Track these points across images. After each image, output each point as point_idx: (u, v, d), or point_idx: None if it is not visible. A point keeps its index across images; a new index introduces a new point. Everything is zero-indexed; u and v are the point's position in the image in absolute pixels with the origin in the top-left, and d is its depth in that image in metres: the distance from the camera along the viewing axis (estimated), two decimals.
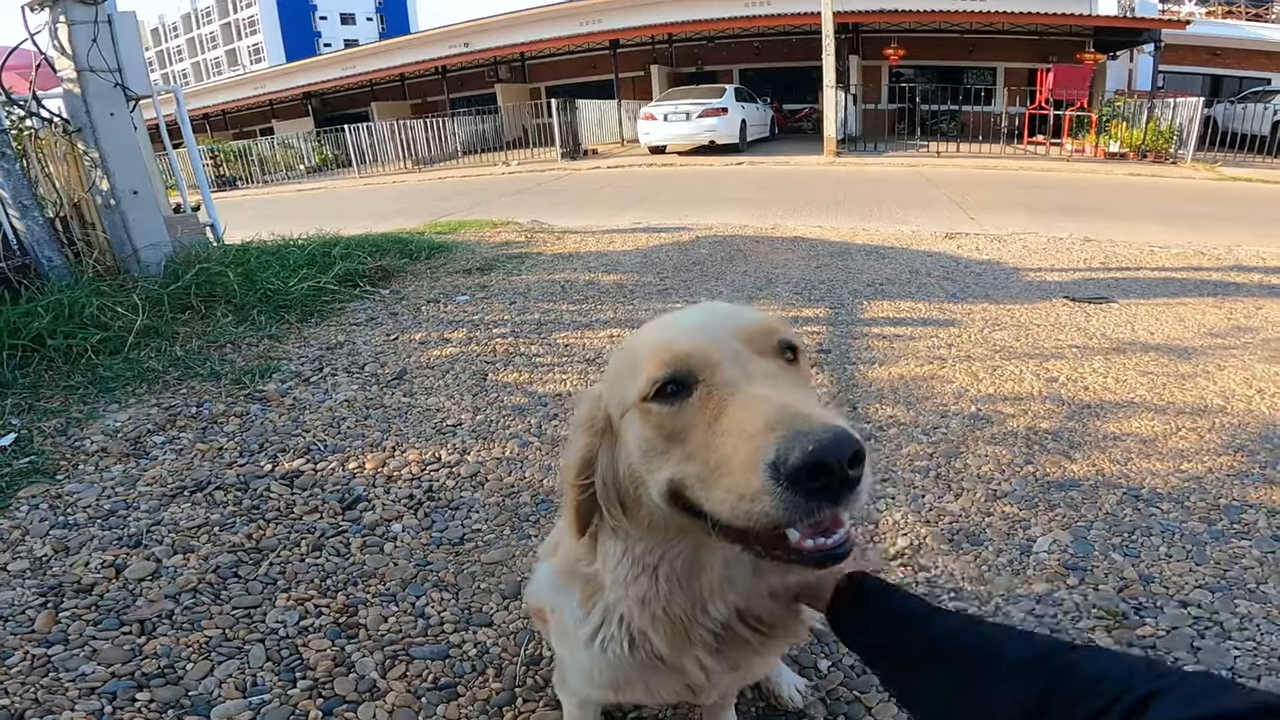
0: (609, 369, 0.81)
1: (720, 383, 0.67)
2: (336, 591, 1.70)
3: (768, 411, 0.60)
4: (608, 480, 0.79)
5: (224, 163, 18.07)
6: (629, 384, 0.73)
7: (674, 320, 0.78)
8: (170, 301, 3.48)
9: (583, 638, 0.91)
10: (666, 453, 0.69)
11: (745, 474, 0.59)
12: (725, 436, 0.63)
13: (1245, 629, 1.55)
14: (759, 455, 0.58)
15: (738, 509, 0.61)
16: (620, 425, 0.76)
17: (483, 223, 6.87)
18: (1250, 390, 2.78)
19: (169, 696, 1.39)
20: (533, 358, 3.21)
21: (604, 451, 0.79)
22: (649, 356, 0.71)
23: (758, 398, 0.63)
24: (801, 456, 0.56)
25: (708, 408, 0.66)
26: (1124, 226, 6.52)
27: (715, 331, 0.72)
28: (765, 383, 0.66)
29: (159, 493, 2.09)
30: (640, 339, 0.78)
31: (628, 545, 0.81)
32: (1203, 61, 19.00)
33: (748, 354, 0.70)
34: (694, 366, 0.68)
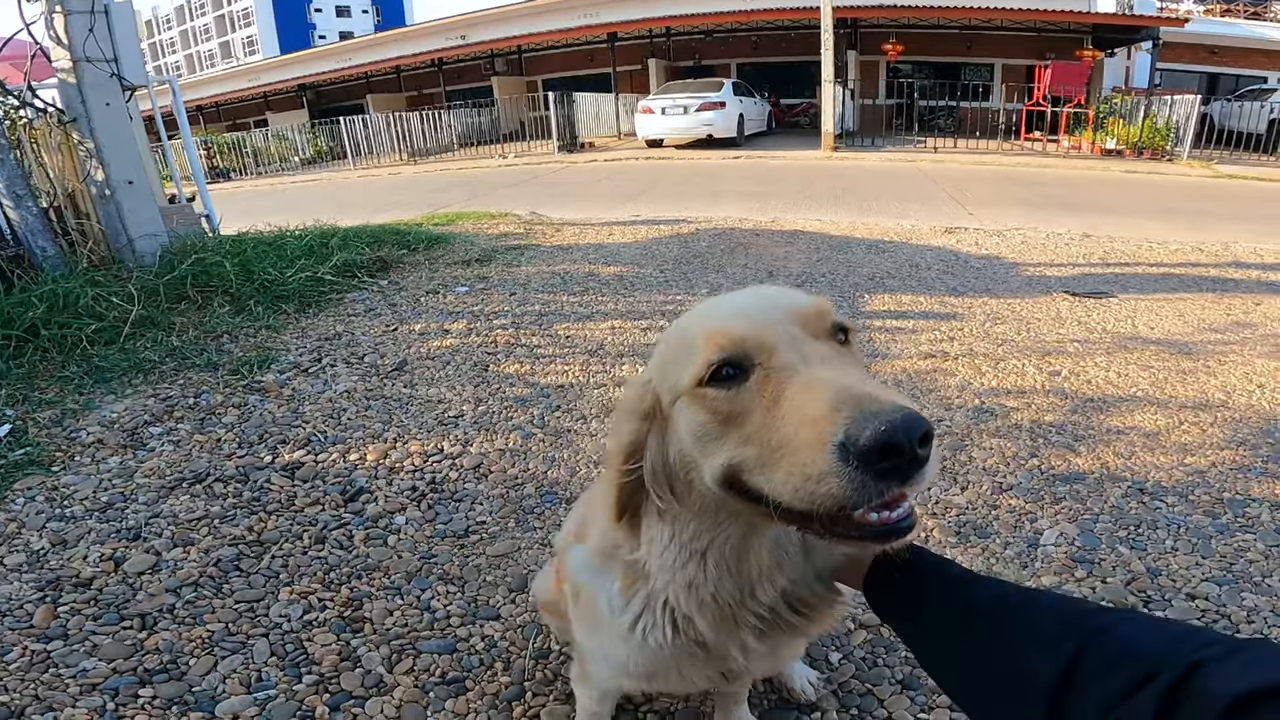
0: (657, 354, 0.80)
1: (778, 366, 0.66)
2: (340, 585, 1.68)
3: (832, 393, 0.59)
4: (657, 466, 0.78)
5: (218, 154, 17.96)
6: (681, 369, 0.71)
7: (725, 303, 0.77)
8: (166, 292, 3.45)
9: (622, 625, 0.89)
10: (722, 437, 0.68)
11: (811, 454, 0.58)
12: (787, 419, 0.61)
13: (1253, 622, 1.55)
14: (826, 436, 0.57)
15: (802, 490, 0.59)
16: (671, 411, 0.74)
17: (481, 214, 6.82)
18: (1251, 385, 2.79)
19: (172, 692, 1.37)
20: (534, 349, 3.18)
21: (653, 436, 0.78)
22: (703, 341, 0.69)
23: (819, 380, 0.62)
24: (873, 437, 0.55)
25: (766, 391, 0.65)
26: (1121, 222, 6.54)
27: (769, 314, 0.71)
28: (824, 365, 0.65)
29: (157, 485, 2.06)
30: (691, 322, 0.76)
31: (675, 530, 0.80)
32: (1200, 59, 19.03)
33: (803, 336, 0.69)
34: (750, 350, 0.67)
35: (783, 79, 20.15)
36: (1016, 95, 15.89)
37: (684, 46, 20.88)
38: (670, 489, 0.78)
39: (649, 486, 0.79)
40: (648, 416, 0.78)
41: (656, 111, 14.59)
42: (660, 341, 0.81)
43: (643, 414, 0.78)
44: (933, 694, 1.38)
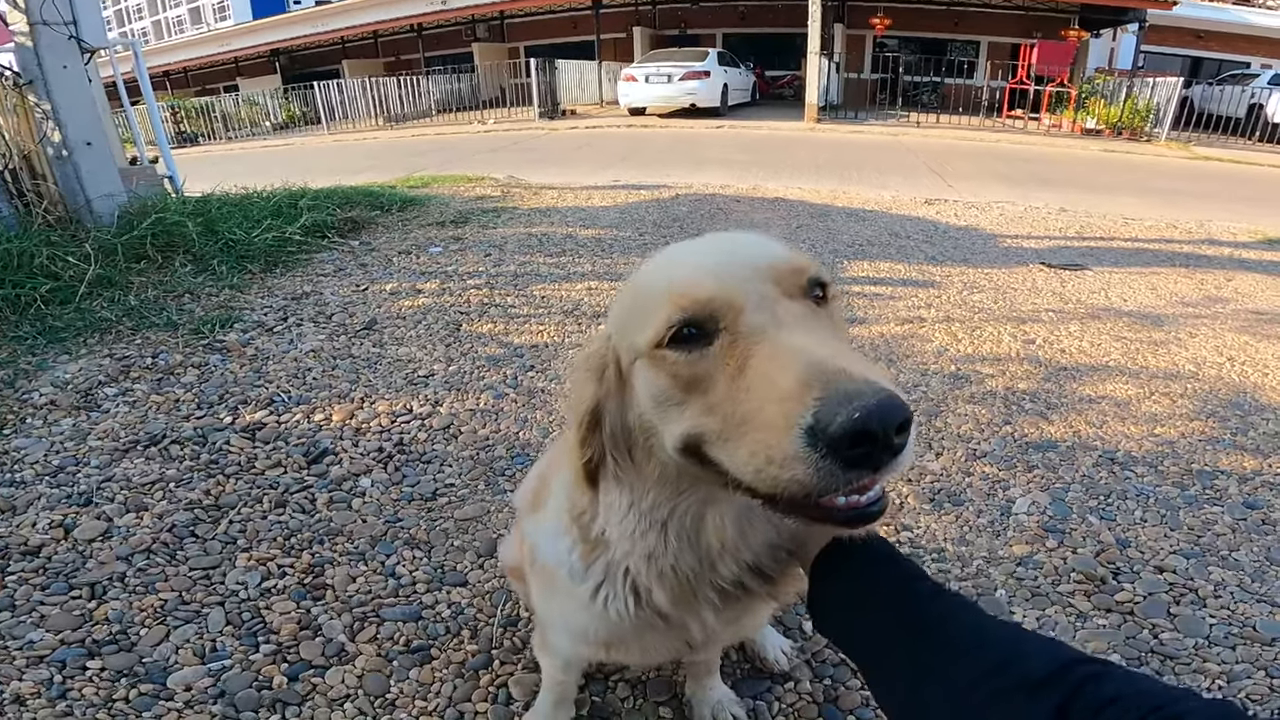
0: (615, 309, 0.74)
1: (746, 329, 0.59)
2: (301, 550, 1.62)
3: (803, 365, 0.53)
4: (616, 429, 0.72)
5: (185, 119, 17.36)
6: (640, 328, 0.65)
7: (689, 254, 0.69)
8: (125, 251, 3.32)
9: (583, 594, 0.85)
10: (683, 404, 0.62)
11: (777, 435, 0.52)
12: (752, 391, 0.55)
13: (1219, 596, 1.56)
14: (794, 417, 0.51)
15: (765, 473, 0.54)
16: (631, 371, 0.69)
17: (458, 177, 6.66)
18: (1221, 358, 2.82)
19: (122, 664, 1.31)
20: (508, 309, 3.12)
21: (612, 398, 0.72)
22: (663, 298, 0.63)
23: (790, 348, 0.56)
24: (846, 423, 0.49)
25: (731, 357, 0.59)
26: (1098, 199, 6.58)
27: (738, 270, 0.63)
28: (796, 329, 0.58)
29: (111, 447, 1.98)
30: (652, 276, 0.69)
31: (635, 498, 0.75)
32: (1185, 43, 19.08)
33: (775, 295, 0.62)
34: (716, 310, 0.61)
35: (768, 50, 19.91)
36: (1001, 73, 15.87)
37: (670, 15, 20.47)
38: (629, 454, 0.73)
39: (608, 451, 0.73)
40: (607, 376, 0.72)
41: (640, 80, 14.45)
42: (620, 295, 0.75)
43: (601, 372, 0.72)
44: None
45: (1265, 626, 1.47)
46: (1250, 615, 1.51)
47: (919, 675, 0.69)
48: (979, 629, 0.70)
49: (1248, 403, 2.44)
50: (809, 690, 1.32)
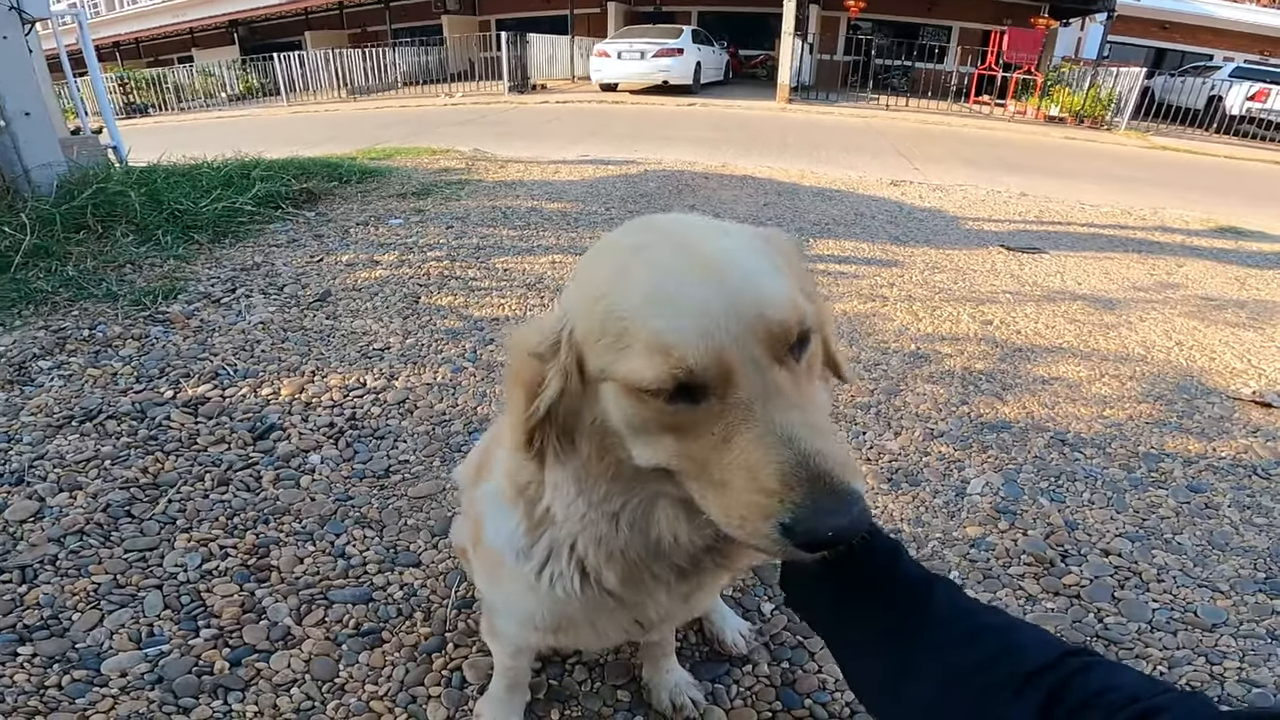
0: (577, 298, 0.67)
1: (734, 401, 0.58)
2: (245, 530, 1.57)
3: (785, 461, 0.56)
4: (566, 418, 0.68)
5: (134, 90, 16.61)
6: (615, 357, 0.61)
7: (674, 282, 0.61)
8: (63, 221, 3.17)
9: (528, 573, 0.83)
10: (660, 437, 0.62)
11: (754, 517, 0.57)
12: (734, 469, 0.58)
13: (1162, 580, 1.59)
14: (773, 512, 0.56)
15: (736, 530, 0.59)
16: (598, 384, 0.65)
17: (421, 150, 6.48)
18: (1170, 342, 2.90)
19: (53, 649, 1.26)
20: (469, 281, 3.05)
21: (566, 392, 0.67)
22: (650, 344, 0.58)
23: (774, 437, 0.57)
24: (818, 536, 0.55)
25: (718, 425, 0.59)
26: (1058, 184, 6.70)
27: (733, 328, 0.58)
28: (782, 407, 0.58)
29: (44, 423, 1.88)
30: (626, 296, 0.61)
31: (583, 487, 0.72)
32: (1150, 34, 19.48)
33: (766, 361, 0.60)
34: (709, 380, 0.58)
35: (743, 29, 19.78)
36: (971, 59, 16.01)
37: None
38: (573, 440, 0.70)
39: (552, 435, 0.70)
40: (560, 364, 0.67)
41: (613, 55, 14.31)
42: (584, 283, 0.68)
43: (550, 357, 0.68)
44: None
45: (1206, 612, 1.50)
46: (1192, 600, 1.54)
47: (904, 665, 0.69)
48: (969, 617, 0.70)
49: (1194, 386, 2.52)
50: (767, 673, 1.32)
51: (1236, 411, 2.35)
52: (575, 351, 0.66)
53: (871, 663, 0.73)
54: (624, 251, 0.66)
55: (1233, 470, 2.02)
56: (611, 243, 0.71)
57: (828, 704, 1.26)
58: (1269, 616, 1.50)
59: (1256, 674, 1.35)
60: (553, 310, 0.72)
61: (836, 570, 0.78)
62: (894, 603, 0.73)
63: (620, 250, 0.67)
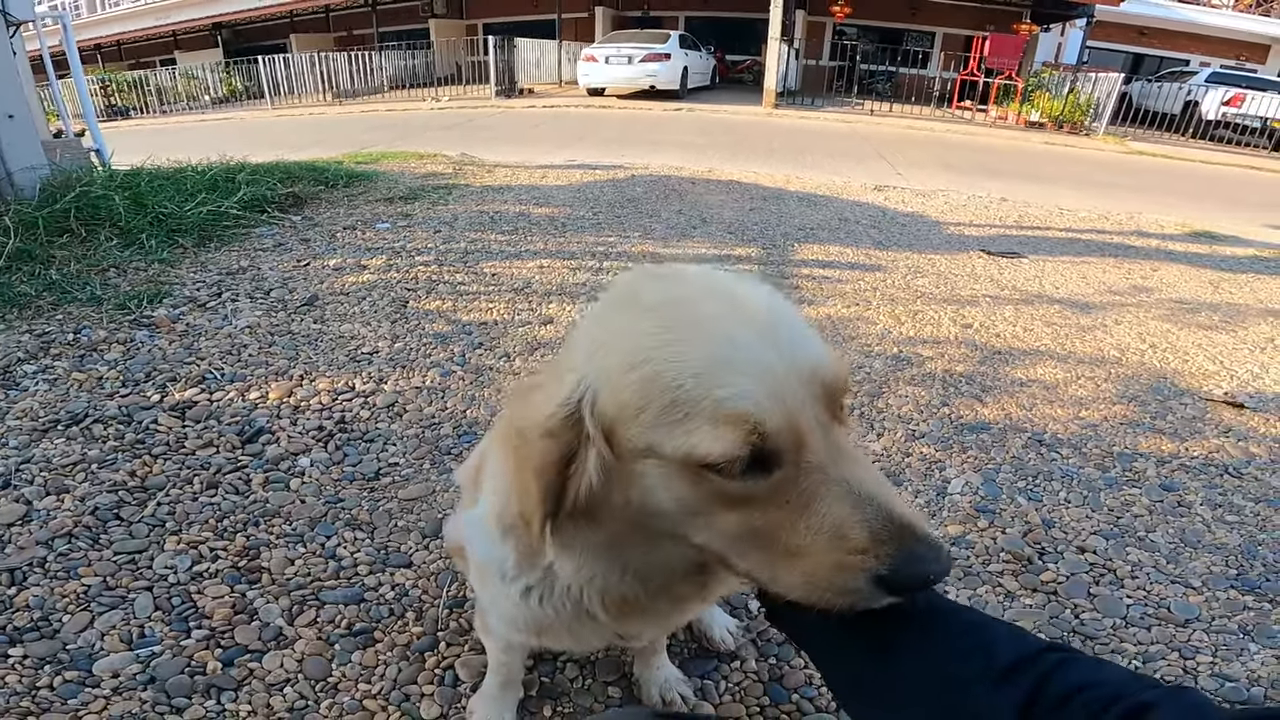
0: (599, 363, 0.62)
1: (808, 465, 0.58)
2: (235, 533, 1.57)
3: (870, 518, 0.57)
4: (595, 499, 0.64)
5: (116, 92, 16.44)
6: (672, 432, 0.57)
7: (730, 342, 0.58)
8: (46, 224, 3.14)
9: (512, 593, 0.83)
10: (719, 516, 0.60)
11: (843, 576, 0.57)
12: (819, 533, 0.58)
13: (1136, 577, 1.63)
14: (867, 566, 0.57)
15: (814, 594, 0.59)
16: (637, 463, 0.61)
17: (408, 154, 6.47)
18: (1144, 344, 2.97)
19: (44, 651, 1.26)
20: (457, 286, 3.07)
21: (593, 470, 0.62)
22: (715, 414, 0.55)
23: (855, 496, 0.58)
24: (918, 577, 0.57)
25: (791, 493, 0.58)
26: (1038, 189, 6.80)
27: (800, 393, 0.58)
28: (851, 466, 0.59)
29: (29, 427, 1.87)
30: (680, 363, 0.57)
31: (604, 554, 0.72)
32: (1129, 39, 19.80)
33: (829, 422, 0.60)
34: (782, 444, 0.57)
35: (730, 35, 19.88)
36: (954, 64, 16.20)
37: None
38: (594, 519, 0.67)
39: (568, 518, 0.67)
40: (576, 440, 0.62)
41: (600, 60, 14.34)
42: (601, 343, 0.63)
43: (568, 434, 0.62)
44: None
45: (1179, 608, 1.54)
46: (1165, 596, 1.57)
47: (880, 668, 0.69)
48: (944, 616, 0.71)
49: (1167, 388, 2.58)
50: (754, 669, 1.34)
51: (1209, 412, 2.41)
52: (602, 427, 0.61)
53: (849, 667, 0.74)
54: (658, 309, 0.62)
55: (1205, 469, 2.07)
56: (633, 296, 0.65)
57: (814, 699, 1.29)
58: (1240, 612, 1.53)
59: (1229, 668, 1.39)
60: (556, 374, 0.66)
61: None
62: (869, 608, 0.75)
63: (651, 307, 0.62)
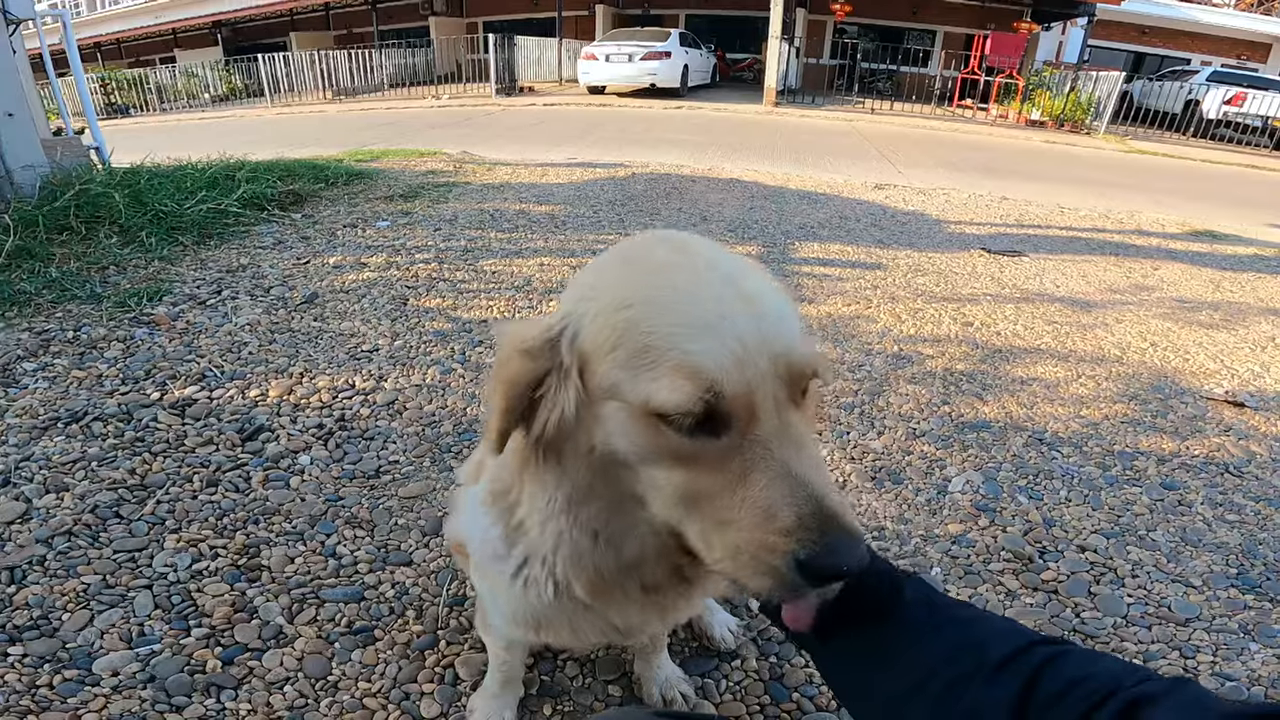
0: (590, 314, 0.65)
1: (754, 438, 0.59)
2: (235, 531, 1.57)
3: (801, 503, 0.58)
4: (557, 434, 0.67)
5: (116, 90, 16.44)
6: (637, 377, 0.60)
7: (711, 308, 0.60)
8: (46, 222, 3.14)
9: (505, 574, 0.84)
10: (669, 471, 0.62)
11: (767, 556, 0.58)
12: (749, 507, 0.59)
13: (1137, 576, 1.63)
14: (789, 548, 0.57)
15: (738, 572, 0.60)
16: (602, 404, 0.63)
17: (408, 152, 6.47)
18: (1145, 343, 2.96)
19: (44, 649, 1.26)
20: (457, 283, 3.07)
21: (559, 392, 0.65)
22: (680, 369, 0.58)
23: (791, 478, 0.59)
24: (832, 569, 0.57)
25: (734, 461, 0.59)
26: (1038, 188, 6.80)
27: (763, 366, 0.60)
28: (799, 452, 0.60)
29: (29, 425, 1.87)
30: (659, 316, 0.61)
31: (570, 506, 0.72)
32: (1130, 38, 19.78)
33: (784, 401, 0.61)
34: (735, 410, 0.59)
35: (730, 33, 19.88)
36: (955, 63, 16.19)
37: None
38: (558, 459, 0.69)
39: (532, 449, 0.69)
40: (551, 369, 0.66)
41: (600, 58, 14.33)
42: (595, 286, 0.66)
43: (540, 357, 0.66)
44: None
45: (1179, 607, 1.54)
46: (1165, 595, 1.57)
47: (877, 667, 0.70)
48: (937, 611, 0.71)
49: (1168, 387, 2.58)
50: (755, 668, 1.34)
51: (1209, 411, 2.41)
52: (578, 360, 0.64)
53: (849, 666, 0.74)
54: (656, 264, 0.66)
55: (1205, 468, 2.07)
56: (638, 251, 0.69)
57: (815, 698, 1.28)
58: (1241, 611, 1.53)
59: (1229, 668, 1.39)
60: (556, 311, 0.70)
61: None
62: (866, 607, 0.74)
63: (651, 262, 0.66)
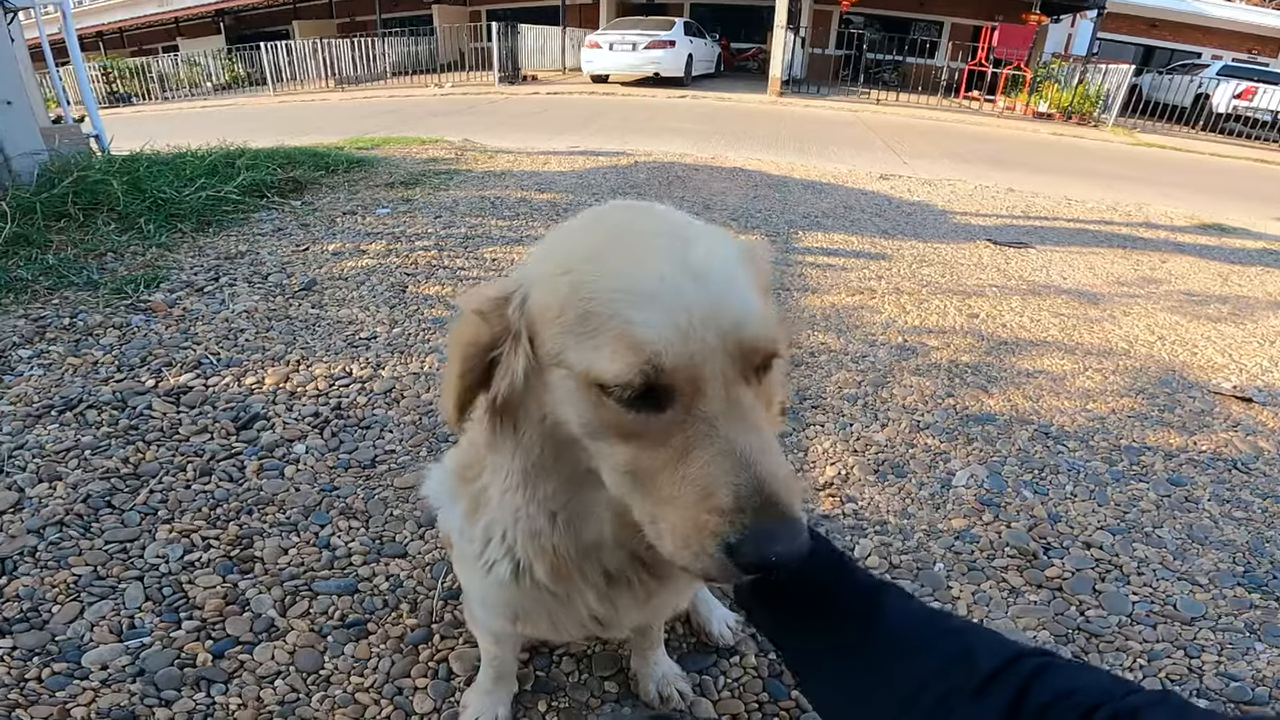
0: (541, 278, 0.63)
1: (698, 414, 0.57)
2: (228, 521, 1.55)
3: (740, 483, 0.56)
4: (510, 399, 0.65)
5: (117, 79, 16.38)
6: (581, 346, 0.58)
7: (657, 279, 0.57)
8: (44, 209, 3.13)
9: (471, 555, 0.83)
10: (614, 446, 0.61)
11: (700, 535, 0.56)
12: (687, 485, 0.57)
13: (1142, 573, 1.60)
14: (720, 530, 0.55)
15: (675, 551, 0.58)
16: (550, 373, 0.62)
17: (409, 139, 6.42)
18: (1152, 336, 2.93)
19: (33, 642, 1.24)
20: (457, 271, 3.04)
21: (512, 355, 0.64)
22: (621, 340, 0.56)
23: (734, 457, 0.56)
24: (762, 558, 0.55)
25: (677, 436, 0.57)
26: (1045, 180, 6.75)
27: (710, 340, 0.57)
28: (743, 427, 0.58)
29: (23, 413, 1.85)
30: (604, 283, 0.58)
31: (527, 480, 0.70)
32: (1139, 31, 19.59)
33: (734, 376, 0.59)
34: (678, 384, 0.56)
35: (735, 23, 19.78)
36: (961, 54, 16.05)
37: None
38: (514, 426, 0.68)
39: (490, 417, 0.68)
40: (505, 333, 0.64)
41: (604, 47, 14.28)
42: (546, 252, 0.65)
43: (499, 325, 0.64)
44: None
45: (1185, 605, 1.51)
46: (1171, 593, 1.55)
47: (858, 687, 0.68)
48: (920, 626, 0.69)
49: (1175, 381, 2.54)
50: (754, 664, 1.33)
51: (1217, 406, 2.38)
52: (528, 324, 0.63)
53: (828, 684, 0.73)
54: (609, 227, 0.65)
55: (1213, 464, 2.04)
56: (592, 216, 0.68)
57: None
58: (1247, 610, 1.51)
59: (1234, 667, 1.36)
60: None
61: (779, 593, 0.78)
62: (840, 623, 0.72)
63: (604, 225, 0.65)
